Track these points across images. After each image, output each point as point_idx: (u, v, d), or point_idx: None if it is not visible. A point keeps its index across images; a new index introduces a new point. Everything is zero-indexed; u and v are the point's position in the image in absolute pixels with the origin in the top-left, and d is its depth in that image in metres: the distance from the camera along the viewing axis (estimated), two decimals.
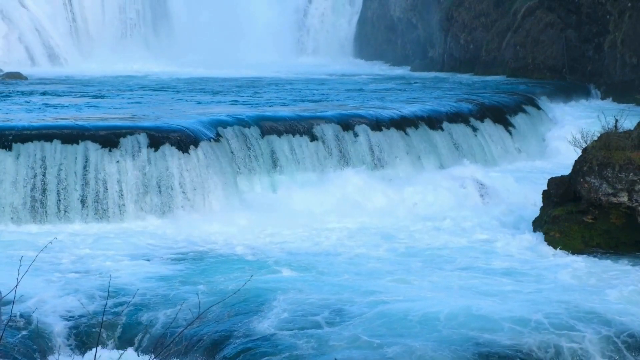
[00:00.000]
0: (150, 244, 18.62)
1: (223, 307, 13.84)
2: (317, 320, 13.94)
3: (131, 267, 16.95)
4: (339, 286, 15.56)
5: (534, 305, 14.51)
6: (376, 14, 58.78)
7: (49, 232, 19.08)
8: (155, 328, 14.11)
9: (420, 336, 13.28)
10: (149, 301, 14.90)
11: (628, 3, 39.05)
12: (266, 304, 14.64)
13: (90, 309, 14.41)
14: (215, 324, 13.88)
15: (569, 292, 15.51)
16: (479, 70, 45.85)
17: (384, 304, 14.65)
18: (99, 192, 20.39)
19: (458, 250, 18.44)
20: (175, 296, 15.10)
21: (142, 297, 14.94)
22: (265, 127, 23.27)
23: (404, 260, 17.67)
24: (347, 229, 20.00)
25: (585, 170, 18.44)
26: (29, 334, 13.79)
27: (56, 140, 20.71)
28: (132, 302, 14.50)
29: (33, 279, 14.72)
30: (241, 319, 14.05)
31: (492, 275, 16.68)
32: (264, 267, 16.98)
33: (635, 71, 38.18)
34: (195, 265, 17.17)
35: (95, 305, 14.70)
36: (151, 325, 14.18)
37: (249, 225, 20.03)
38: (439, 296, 15.09)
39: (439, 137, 26.17)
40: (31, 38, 51.14)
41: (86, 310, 14.25)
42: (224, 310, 14.02)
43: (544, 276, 16.58)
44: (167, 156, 21.06)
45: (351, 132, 24.30)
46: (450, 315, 13.89)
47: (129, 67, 48.35)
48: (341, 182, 22.42)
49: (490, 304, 14.52)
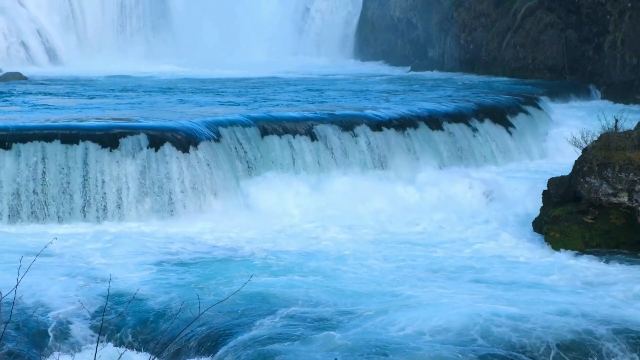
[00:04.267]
0: (150, 244, 18.60)
1: (223, 307, 13.83)
2: (318, 322, 13.93)
3: (131, 267, 16.95)
4: (342, 290, 15.53)
5: (534, 306, 14.50)
6: (376, 14, 58.74)
7: (48, 233, 19.07)
8: (155, 328, 14.11)
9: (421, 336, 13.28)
10: (149, 301, 14.90)
11: (628, 3, 39.04)
12: (267, 304, 14.64)
13: (90, 309, 14.41)
14: (215, 324, 13.88)
15: (569, 292, 15.51)
16: (479, 70, 45.83)
17: (385, 304, 14.65)
18: (99, 192, 20.39)
19: (457, 250, 18.43)
20: (175, 296, 15.10)
21: (142, 297, 14.94)
22: (265, 127, 23.26)
23: (404, 260, 17.65)
24: (347, 230, 19.98)
25: (585, 171, 18.44)
26: (29, 334, 13.79)
27: (56, 140, 20.71)
28: (132, 302, 14.49)
29: (33, 279, 14.70)
30: (241, 319, 14.04)
31: (491, 275, 16.67)
32: (264, 267, 16.98)
33: (635, 71, 38.17)
34: (195, 266, 17.17)
35: (95, 305, 14.70)
36: (151, 325, 14.18)
37: (249, 226, 20.03)
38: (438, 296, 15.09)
39: (439, 137, 26.16)
40: (31, 38, 51.11)
41: (86, 310, 14.25)
42: (224, 310, 14.01)
43: (543, 276, 16.57)
44: (167, 156, 21.06)
45: (351, 133, 24.29)
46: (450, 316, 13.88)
47: (129, 67, 48.29)
48: (341, 183, 22.42)
49: (491, 304, 14.51)
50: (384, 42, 58.03)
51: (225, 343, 13.35)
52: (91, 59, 51.02)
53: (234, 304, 14.24)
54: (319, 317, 14.07)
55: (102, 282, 15.72)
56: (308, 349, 12.93)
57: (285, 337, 13.32)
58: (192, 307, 13.94)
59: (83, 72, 44.63)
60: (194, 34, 57.01)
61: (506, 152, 27.76)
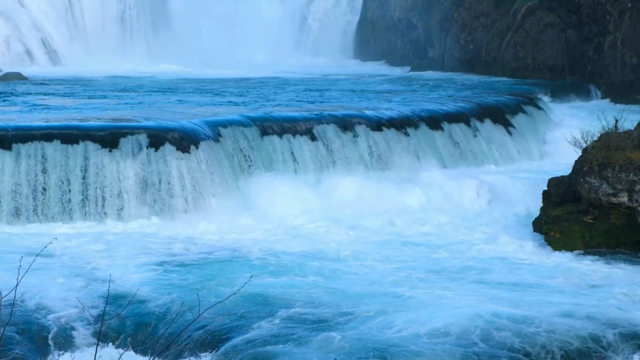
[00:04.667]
0: (150, 244, 18.59)
1: (223, 308, 13.83)
2: (318, 323, 13.92)
3: (131, 267, 16.94)
4: (342, 291, 15.52)
5: (535, 307, 14.50)
6: (376, 14, 58.76)
7: (48, 233, 19.07)
8: (155, 328, 14.10)
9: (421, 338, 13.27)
10: (149, 301, 14.89)
11: (628, 3, 39.05)
12: (267, 305, 14.63)
13: (90, 309, 14.40)
14: (215, 324, 13.87)
15: (570, 293, 15.50)
16: (479, 71, 45.85)
17: (386, 305, 14.64)
18: (99, 192, 20.38)
19: (458, 251, 18.42)
20: (175, 296, 15.09)
21: (142, 297, 14.93)
22: (265, 127, 23.26)
23: (404, 261, 17.64)
24: (347, 230, 19.98)
25: (585, 171, 18.43)
26: (29, 334, 13.79)
27: (56, 140, 20.71)
28: (132, 302, 14.49)
29: (33, 279, 14.71)
30: (241, 320, 14.04)
31: (492, 275, 16.66)
32: (264, 267, 16.97)
33: (635, 71, 38.17)
34: (195, 266, 17.16)
35: (95, 305, 14.69)
36: (151, 326, 14.18)
37: (249, 226, 20.02)
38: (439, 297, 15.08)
39: (439, 137, 26.16)
40: (31, 38, 51.12)
41: (86, 310, 14.25)
42: (224, 310, 14.01)
43: (544, 276, 16.56)
44: (167, 156, 21.06)
45: (351, 133, 24.28)
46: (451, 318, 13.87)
47: (129, 67, 48.33)
48: (341, 183, 22.40)
49: (492, 305, 14.50)
50: (384, 42, 58.04)
51: (225, 344, 13.35)
52: (91, 59, 51.01)
53: (234, 304, 14.23)
54: (319, 318, 14.06)
55: (102, 282, 15.71)
56: (307, 350, 12.92)
57: (285, 338, 13.31)
58: (192, 308, 13.94)
59: (83, 72, 44.62)
60: (194, 34, 57.04)
61: (506, 152, 27.77)
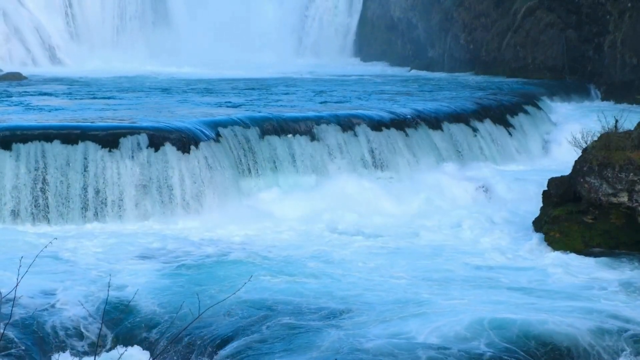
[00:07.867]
0: (149, 245, 18.60)
1: (222, 308, 13.83)
2: (318, 324, 13.92)
3: (131, 267, 16.94)
4: (342, 292, 15.51)
5: (534, 306, 14.50)
6: (376, 14, 58.72)
7: (48, 233, 19.07)
8: (155, 328, 14.11)
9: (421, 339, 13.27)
10: (149, 301, 14.89)
11: (628, 3, 39.04)
12: (267, 305, 14.63)
13: (90, 309, 14.40)
14: (214, 324, 13.88)
15: (569, 293, 15.50)
16: (479, 70, 45.83)
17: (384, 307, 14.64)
18: (99, 192, 20.38)
19: (457, 250, 18.42)
20: (174, 297, 15.09)
21: (142, 298, 14.93)
22: (265, 128, 23.26)
23: (404, 263, 17.64)
24: (347, 231, 19.99)
25: (585, 171, 18.44)
26: (29, 334, 13.79)
27: (56, 140, 20.70)
28: (132, 303, 14.49)
29: (33, 279, 14.69)
30: (241, 320, 14.04)
31: (492, 276, 16.66)
32: (265, 268, 16.96)
33: (635, 71, 38.16)
34: (195, 266, 17.16)
35: (95, 305, 14.70)
36: (151, 326, 14.18)
37: (249, 226, 20.01)
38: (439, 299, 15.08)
39: (439, 137, 26.15)
40: (31, 38, 51.09)
41: (86, 310, 14.25)
42: (223, 311, 14.01)
43: (544, 277, 16.57)
44: (168, 156, 21.06)
45: (351, 133, 24.28)
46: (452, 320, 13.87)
47: (129, 67, 48.30)
48: (341, 183, 22.41)
49: (492, 306, 14.51)
50: (384, 42, 58.00)
51: (225, 344, 13.35)
52: (91, 59, 50.99)
53: (234, 304, 14.23)
54: (319, 320, 14.05)
55: (102, 282, 15.71)
56: (308, 352, 12.92)
57: (285, 340, 13.31)
58: (191, 308, 13.93)
59: (83, 72, 44.61)
60: (194, 34, 56.99)
61: (506, 152, 27.76)
